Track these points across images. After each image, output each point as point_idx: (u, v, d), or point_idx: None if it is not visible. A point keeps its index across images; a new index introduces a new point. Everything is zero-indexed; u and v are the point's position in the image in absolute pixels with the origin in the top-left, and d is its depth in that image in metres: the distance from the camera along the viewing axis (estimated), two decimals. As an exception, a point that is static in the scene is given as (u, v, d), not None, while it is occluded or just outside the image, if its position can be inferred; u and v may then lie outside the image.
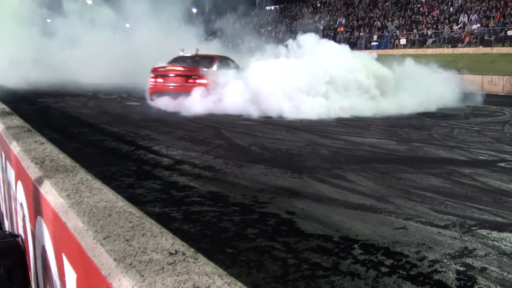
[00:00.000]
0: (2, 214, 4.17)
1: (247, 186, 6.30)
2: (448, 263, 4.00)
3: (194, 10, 27.70)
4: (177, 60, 16.25)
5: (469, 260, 4.07)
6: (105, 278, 1.25)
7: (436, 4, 38.17)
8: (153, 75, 15.44)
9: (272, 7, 63.13)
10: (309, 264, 3.90)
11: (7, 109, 5.37)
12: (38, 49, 27.32)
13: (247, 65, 15.73)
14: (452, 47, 31.74)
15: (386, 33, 38.32)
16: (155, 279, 1.17)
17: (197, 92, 14.21)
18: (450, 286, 3.61)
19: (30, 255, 2.58)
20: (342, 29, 43.31)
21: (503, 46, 28.95)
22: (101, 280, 1.28)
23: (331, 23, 46.57)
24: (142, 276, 1.18)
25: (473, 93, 19.69)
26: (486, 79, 24.61)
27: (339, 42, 38.62)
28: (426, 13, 37.75)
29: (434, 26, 35.16)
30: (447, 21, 34.76)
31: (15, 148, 2.91)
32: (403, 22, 38.62)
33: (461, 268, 3.91)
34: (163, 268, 1.23)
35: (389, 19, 40.52)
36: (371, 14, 43.72)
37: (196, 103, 13.93)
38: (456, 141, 9.92)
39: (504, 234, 4.72)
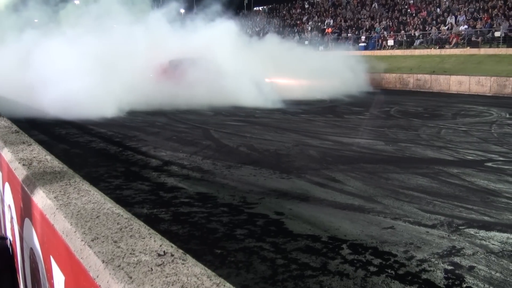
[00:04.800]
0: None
1: (236, 187, 6.30)
2: (436, 262, 4.03)
3: (182, 11, 27.68)
4: None
5: (457, 259, 4.10)
6: (94, 280, 1.25)
7: (424, 6, 38.33)
8: None
9: (260, 8, 63.15)
10: (297, 264, 3.91)
11: (-6, 110, 5.34)
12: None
13: None
14: (439, 48, 31.90)
15: (374, 34, 38.44)
16: (143, 281, 1.16)
17: None
18: (438, 285, 3.63)
19: (18, 257, 2.57)
20: (330, 30, 43.38)
21: (490, 47, 29.14)
22: (90, 282, 1.27)
23: (319, 24, 46.65)
24: (131, 277, 1.18)
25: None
26: (473, 80, 24.78)
27: (327, 43, 38.90)
28: (414, 14, 37.92)
29: (422, 27, 35.30)
30: (434, 22, 34.91)
31: (2, 149, 2.89)
32: (390, 23, 38.76)
33: (449, 267, 3.93)
34: (152, 269, 1.23)
35: (377, 20, 40.67)
36: (359, 15, 43.85)
37: None
38: (444, 141, 9.97)
39: (492, 233, 4.76)
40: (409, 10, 39.19)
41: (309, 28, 45.78)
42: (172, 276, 1.19)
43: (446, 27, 33.41)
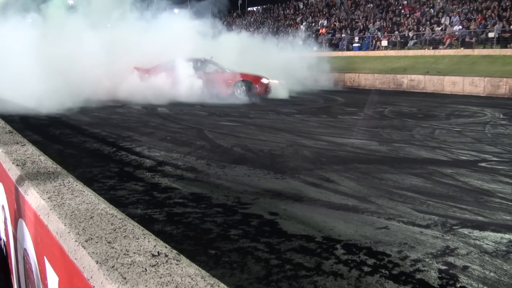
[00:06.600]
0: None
1: (230, 187, 6.29)
2: (430, 262, 4.03)
3: (176, 11, 27.64)
4: None
5: (451, 259, 4.11)
6: (88, 281, 1.25)
7: (418, 6, 38.44)
8: None
9: (255, 8, 63.17)
10: (292, 264, 3.91)
11: (-13, 110, 5.32)
12: None
13: None
14: (433, 48, 32.02)
15: (368, 34, 38.51)
16: (137, 281, 1.16)
17: None
18: (432, 285, 3.63)
19: (12, 258, 2.56)
20: (324, 30, 43.42)
21: (484, 48, 29.27)
22: (84, 283, 1.27)
23: (313, 24, 46.69)
24: (125, 278, 1.18)
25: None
26: (467, 80, 24.88)
27: (321, 43, 38.99)
28: (408, 15, 38.00)
29: (416, 28, 35.39)
30: (428, 23, 35.00)
31: (-5, 150, 2.88)
32: (384, 23, 38.83)
33: (443, 267, 3.94)
34: (146, 270, 1.23)
35: (371, 20, 40.73)
36: (353, 16, 43.91)
37: None
38: (438, 141, 10.00)
39: (486, 233, 4.77)
40: (403, 11, 39.26)
41: (303, 29, 45.79)
42: (166, 277, 1.19)
43: (440, 28, 33.51)
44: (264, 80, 19.75)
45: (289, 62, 25.10)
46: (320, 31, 43.52)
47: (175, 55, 19.13)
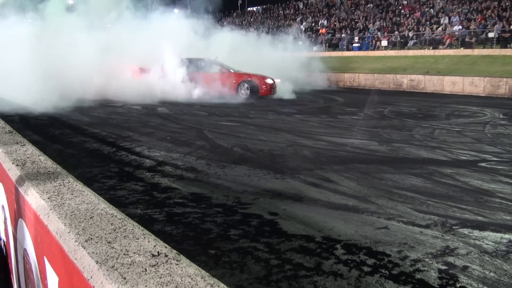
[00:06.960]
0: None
1: (230, 187, 6.29)
2: (430, 262, 4.03)
3: (176, 11, 27.67)
4: None
5: (450, 259, 4.11)
6: (87, 281, 1.25)
7: (418, 6, 38.45)
8: None
9: (254, 8, 63.15)
10: (291, 264, 3.91)
11: (-13, 110, 5.32)
12: None
13: None
14: (433, 48, 32.03)
15: (368, 34, 38.50)
16: (137, 281, 1.16)
17: None
18: (432, 284, 3.63)
19: (11, 258, 2.56)
20: (324, 30, 43.42)
21: (484, 48, 29.28)
22: (83, 283, 1.27)
23: (313, 24, 46.68)
24: (125, 278, 1.18)
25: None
26: (467, 81, 24.89)
27: (320, 43, 39.02)
28: (408, 15, 38.00)
29: (416, 28, 35.39)
30: (428, 23, 35.00)
31: (-5, 150, 2.87)
32: (384, 24, 38.82)
33: (443, 267, 3.94)
34: (146, 270, 1.23)
35: (371, 20, 40.72)
36: (353, 16, 43.90)
37: None
38: (437, 141, 10.00)
39: (485, 233, 4.77)
40: (403, 11, 39.26)
41: (303, 29, 45.79)
42: (166, 277, 1.19)
43: (440, 28, 33.51)
44: (269, 80, 19.76)
45: (288, 62, 25.24)
46: (320, 31, 43.52)
47: (177, 55, 19.17)
